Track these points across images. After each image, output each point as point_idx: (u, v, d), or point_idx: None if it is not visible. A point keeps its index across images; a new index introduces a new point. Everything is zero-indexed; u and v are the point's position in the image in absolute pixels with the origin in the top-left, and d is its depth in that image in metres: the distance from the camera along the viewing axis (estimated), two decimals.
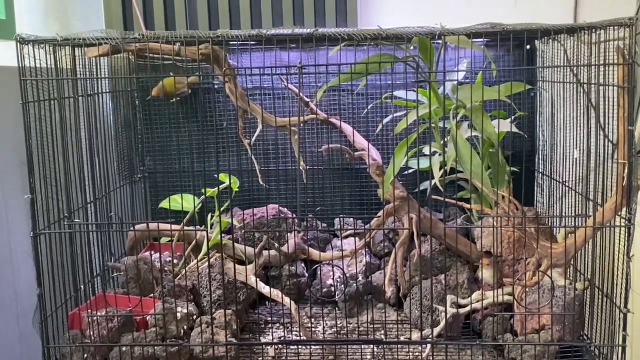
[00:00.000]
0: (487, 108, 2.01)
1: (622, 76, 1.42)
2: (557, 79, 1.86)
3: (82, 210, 1.68)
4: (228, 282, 1.74)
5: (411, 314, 1.75)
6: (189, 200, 1.94)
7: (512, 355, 1.55)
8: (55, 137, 1.57)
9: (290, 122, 1.77)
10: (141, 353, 1.51)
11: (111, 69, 2.01)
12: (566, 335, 1.52)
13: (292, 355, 1.62)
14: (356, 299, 1.84)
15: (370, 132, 2.10)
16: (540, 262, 1.56)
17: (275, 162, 2.21)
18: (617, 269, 1.48)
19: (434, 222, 1.79)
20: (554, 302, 1.54)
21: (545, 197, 2.02)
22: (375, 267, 1.97)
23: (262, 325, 1.83)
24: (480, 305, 1.63)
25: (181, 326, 1.58)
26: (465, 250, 1.81)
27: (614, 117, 1.47)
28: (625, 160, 1.44)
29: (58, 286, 1.58)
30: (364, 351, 1.64)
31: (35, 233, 1.52)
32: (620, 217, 1.47)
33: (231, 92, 1.65)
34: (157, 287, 1.72)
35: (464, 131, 1.71)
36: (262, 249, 1.80)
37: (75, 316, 1.60)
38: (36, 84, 1.51)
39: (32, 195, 1.51)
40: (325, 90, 1.75)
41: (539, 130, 2.10)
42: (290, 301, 1.65)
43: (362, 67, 1.57)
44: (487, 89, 1.64)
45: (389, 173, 1.72)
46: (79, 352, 1.52)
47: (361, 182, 2.21)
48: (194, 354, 1.54)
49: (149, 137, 2.21)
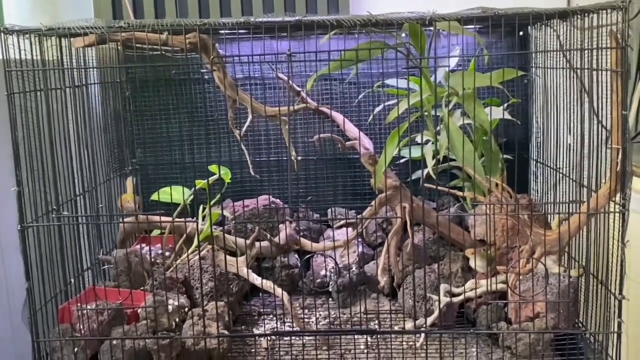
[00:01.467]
0: (480, 96, 2.00)
1: (615, 60, 1.40)
2: (550, 65, 1.84)
3: (71, 203, 1.66)
4: (220, 274, 1.73)
5: (405, 304, 1.74)
6: (179, 192, 1.93)
7: (507, 343, 1.54)
8: (43, 129, 1.55)
9: (280, 111, 1.75)
10: (132, 346, 1.49)
11: (100, 60, 1.99)
12: (561, 322, 1.51)
13: (285, 347, 1.61)
14: (350, 290, 1.83)
15: (362, 121, 2.08)
16: (534, 250, 1.55)
17: (267, 152, 2.19)
18: (612, 256, 1.46)
19: (427, 211, 1.78)
20: (548, 290, 1.52)
21: (540, 185, 2.01)
22: (369, 257, 1.96)
23: (256, 317, 1.81)
24: (474, 294, 1.62)
25: (173, 319, 1.56)
26: (459, 239, 1.80)
27: (607, 102, 1.46)
28: (619, 146, 1.42)
29: (48, 280, 1.57)
30: (357, 341, 1.62)
31: (22, 226, 1.50)
32: (615, 203, 1.45)
33: (220, 81, 1.63)
34: (148, 280, 1.71)
35: (456, 119, 1.69)
36: (254, 241, 1.79)
37: (65, 310, 1.58)
38: (22, 75, 1.49)
39: (19, 187, 1.49)
40: (316, 79, 1.73)
41: (533, 117, 2.08)
42: (282, 292, 1.63)
43: (353, 55, 1.55)
44: (479, 75, 1.62)
45: (381, 162, 1.71)
46: (69, 346, 1.51)
47: (354, 172, 2.20)
48: (186, 346, 1.52)
49: (140, 129, 2.19)
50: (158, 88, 2.16)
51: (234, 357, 1.59)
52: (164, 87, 2.15)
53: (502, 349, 1.55)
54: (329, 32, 1.48)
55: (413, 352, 1.55)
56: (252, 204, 2.03)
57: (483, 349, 1.58)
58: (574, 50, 1.58)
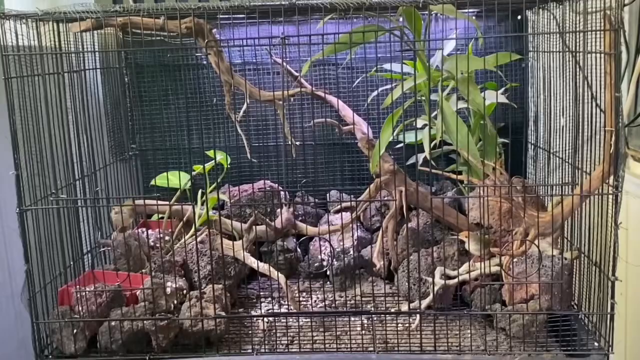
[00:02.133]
0: (478, 80, 2.00)
1: (609, 42, 1.40)
2: (547, 48, 1.84)
3: (70, 187, 1.68)
4: (218, 257, 1.74)
5: (401, 287, 1.75)
6: (178, 177, 1.94)
7: (501, 325, 1.55)
8: (40, 114, 1.56)
9: (275, 95, 1.76)
10: (130, 328, 1.51)
11: (100, 45, 2.00)
12: (555, 304, 1.52)
13: (282, 328, 1.63)
14: (347, 273, 1.84)
15: (359, 106, 2.08)
16: (528, 232, 1.56)
17: (264, 137, 2.20)
18: (606, 238, 1.47)
19: (423, 194, 1.79)
20: (543, 272, 1.53)
21: (536, 169, 2.01)
22: (367, 241, 1.97)
23: (254, 300, 1.83)
24: (469, 276, 1.63)
25: (171, 301, 1.58)
26: (454, 222, 1.81)
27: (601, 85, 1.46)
28: (613, 128, 1.42)
29: (47, 263, 1.59)
30: (353, 323, 1.64)
31: (21, 209, 1.52)
32: (608, 185, 1.46)
33: (216, 66, 1.64)
34: (147, 264, 1.72)
35: (453, 103, 1.69)
36: (252, 225, 1.80)
37: (65, 292, 1.60)
38: (19, 60, 1.51)
39: (18, 171, 1.51)
40: (311, 63, 1.73)
41: (530, 101, 2.09)
42: (279, 274, 1.65)
43: (347, 39, 1.55)
44: (475, 59, 1.62)
45: (377, 147, 1.71)
46: (69, 328, 1.53)
47: (351, 156, 2.21)
48: (184, 328, 1.54)
49: (139, 114, 2.21)
50: (157, 74, 2.17)
51: (232, 338, 1.61)
52: (163, 73, 2.16)
53: (496, 331, 1.56)
54: (324, 15, 1.48)
55: (408, 334, 1.56)
56: (249, 189, 2.04)
57: (478, 331, 1.59)
58: (569, 33, 1.58)
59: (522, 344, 1.49)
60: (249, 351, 1.54)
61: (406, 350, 1.50)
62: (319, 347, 1.54)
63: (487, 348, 1.49)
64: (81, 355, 1.53)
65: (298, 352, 1.52)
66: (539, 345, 1.49)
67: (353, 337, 1.57)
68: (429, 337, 1.54)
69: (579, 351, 1.46)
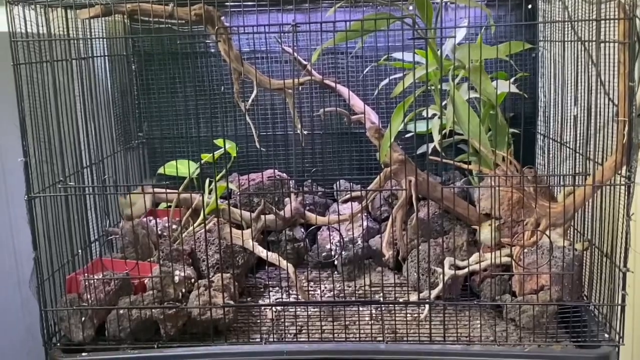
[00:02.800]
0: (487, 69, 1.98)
1: (622, 31, 1.39)
2: (558, 38, 1.82)
3: (78, 175, 1.67)
4: (226, 246, 1.74)
5: (410, 277, 1.74)
6: (185, 166, 1.93)
7: (511, 315, 1.55)
8: (49, 100, 1.55)
9: (285, 84, 1.75)
10: (139, 316, 1.51)
11: (108, 33, 1.99)
12: (565, 295, 1.51)
13: (290, 318, 1.62)
14: (355, 263, 1.84)
15: (368, 95, 2.07)
16: (539, 222, 1.55)
17: (273, 126, 2.19)
18: (617, 229, 1.46)
19: (433, 184, 1.78)
20: (553, 263, 1.52)
21: (546, 160, 2.00)
22: (375, 231, 1.96)
23: (262, 290, 1.83)
24: (479, 267, 1.62)
25: (179, 289, 1.57)
26: (464, 213, 1.80)
27: (614, 75, 1.45)
28: (626, 118, 1.41)
29: (55, 250, 1.58)
30: (362, 313, 1.63)
31: (29, 196, 1.51)
32: (620, 175, 1.45)
33: (225, 54, 1.63)
34: (155, 252, 1.72)
35: (463, 92, 1.68)
36: (259, 214, 1.80)
37: (73, 280, 1.60)
38: (28, 46, 1.50)
39: (26, 158, 1.50)
40: (321, 51, 1.72)
41: (540, 91, 2.07)
42: (288, 264, 1.64)
43: (358, 26, 1.54)
44: (486, 47, 1.61)
45: (387, 136, 1.70)
46: (77, 316, 1.52)
47: (360, 146, 2.20)
48: (192, 316, 1.54)
49: (146, 102, 2.20)
50: (164, 61, 2.16)
51: (240, 327, 1.60)
52: (171, 61, 2.15)
53: (506, 321, 1.56)
54: (334, 3, 1.47)
55: (417, 324, 1.56)
56: (257, 178, 2.03)
57: (487, 321, 1.59)
58: (582, 21, 1.56)
59: (532, 335, 1.49)
60: (258, 340, 1.53)
61: (415, 340, 1.50)
62: (327, 336, 1.54)
63: (496, 339, 1.49)
64: (89, 343, 1.53)
65: (306, 342, 1.52)
66: (549, 337, 1.48)
67: (362, 327, 1.56)
68: (437, 327, 1.53)
69: (589, 342, 1.46)
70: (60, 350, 1.53)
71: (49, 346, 1.55)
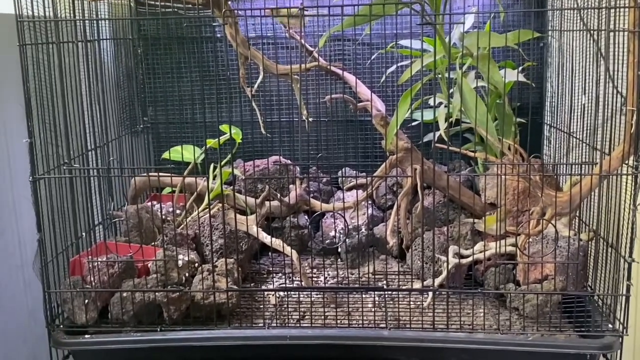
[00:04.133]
0: (495, 58, 1.97)
1: (633, 20, 1.38)
2: (568, 27, 1.81)
3: (82, 157, 1.67)
4: (230, 231, 1.73)
5: (413, 265, 1.74)
6: (190, 151, 1.93)
7: (514, 304, 1.54)
8: (54, 82, 1.55)
9: (292, 69, 1.74)
10: (142, 299, 1.51)
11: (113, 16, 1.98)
12: (569, 285, 1.51)
13: (293, 304, 1.62)
14: (359, 251, 1.83)
15: (375, 82, 2.06)
16: (545, 212, 1.54)
17: (278, 113, 2.18)
18: (623, 219, 1.45)
19: (438, 173, 1.77)
20: (558, 253, 1.52)
21: (552, 150, 1.99)
22: (379, 219, 1.96)
23: (265, 275, 1.82)
24: (483, 256, 1.62)
25: (183, 273, 1.57)
26: (469, 202, 1.79)
27: (624, 64, 1.44)
28: (634, 108, 1.40)
29: (59, 232, 1.58)
30: (365, 300, 1.63)
31: (34, 178, 1.51)
32: (628, 165, 1.44)
33: (232, 37, 1.62)
34: (159, 236, 1.72)
35: (471, 81, 1.67)
36: (264, 200, 1.79)
37: (77, 263, 1.60)
38: (34, 27, 1.49)
39: (31, 139, 1.50)
40: (328, 36, 1.71)
41: (548, 82, 2.06)
42: (292, 250, 1.64)
43: (366, 11, 1.53)
44: (495, 35, 1.60)
45: (392, 124, 1.69)
46: (80, 298, 1.52)
47: (365, 133, 2.19)
48: (195, 300, 1.54)
49: (151, 86, 2.19)
50: (170, 46, 2.15)
51: (243, 312, 1.60)
52: (177, 45, 2.15)
53: (509, 310, 1.56)
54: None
55: (421, 312, 1.56)
56: (262, 164, 2.03)
57: (490, 310, 1.58)
58: (592, 9, 1.55)
59: (536, 324, 1.48)
60: (260, 325, 1.53)
61: (418, 327, 1.50)
62: (330, 322, 1.54)
63: (499, 327, 1.48)
64: (92, 326, 1.53)
65: (310, 327, 1.52)
66: (553, 326, 1.48)
67: (365, 314, 1.56)
68: (441, 315, 1.53)
69: (593, 332, 1.45)
70: (63, 332, 1.53)
71: (51, 328, 1.55)
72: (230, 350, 1.49)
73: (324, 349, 1.47)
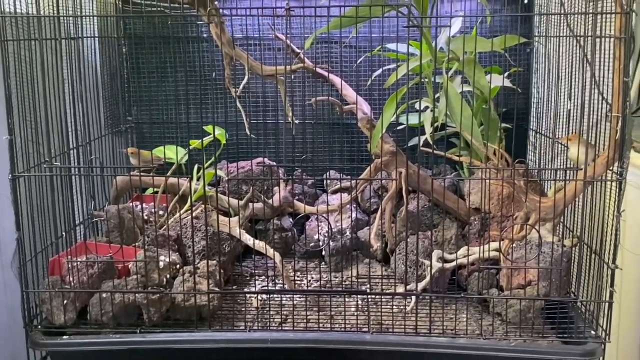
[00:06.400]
0: (482, 63, 1.97)
1: (619, 26, 1.38)
2: (554, 33, 1.81)
3: (64, 156, 1.65)
4: (213, 233, 1.72)
5: (397, 269, 1.73)
6: (174, 151, 1.91)
7: (497, 310, 1.54)
8: (36, 79, 1.52)
9: (277, 71, 1.73)
10: (122, 300, 1.49)
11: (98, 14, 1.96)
12: (552, 291, 1.50)
13: (275, 307, 1.61)
14: (343, 254, 1.82)
15: (361, 85, 2.05)
16: (529, 217, 1.54)
17: (264, 114, 2.17)
18: (607, 225, 1.45)
19: (423, 177, 1.77)
20: (541, 258, 1.51)
21: (537, 156, 1.99)
22: (364, 223, 1.95)
23: (248, 278, 1.81)
24: (467, 260, 1.61)
25: (164, 275, 1.55)
26: (454, 206, 1.79)
27: (609, 70, 1.44)
28: (619, 114, 1.40)
29: (39, 232, 1.56)
30: (348, 304, 1.62)
31: (14, 175, 1.49)
32: (612, 171, 1.44)
33: (217, 37, 1.61)
34: (140, 237, 1.70)
35: (457, 85, 1.67)
36: (247, 201, 1.78)
37: (56, 262, 1.57)
38: (16, 23, 1.47)
39: (11, 136, 1.47)
40: (314, 38, 1.70)
41: (534, 87, 2.06)
42: (274, 252, 1.63)
43: (353, 13, 1.52)
44: (481, 40, 1.60)
45: (378, 127, 1.69)
46: (59, 298, 1.50)
47: (351, 136, 2.18)
48: (176, 302, 1.52)
49: (136, 86, 2.17)
50: (155, 45, 2.13)
51: (224, 315, 1.58)
52: (162, 44, 2.13)
53: (492, 316, 1.55)
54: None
55: (403, 316, 1.55)
56: (247, 166, 2.01)
57: (473, 315, 1.58)
58: (578, 14, 1.55)
59: (518, 330, 1.48)
60: (242, 328, 1.52)
61: (401, 332, 1.49)
62: (312, 326, 1.52)
63: (482, 332, 1.48)
64: (70, 327, 1.51)
65: (291, 330, 1.50)
66: (535, 332, 1.48)
67: (347, 318, 1.55)
68: (423, 319, 1.52)
69: (576, 339, 1.45)
70: (41, 332, 1.51)
71: (29, 328, 1.52)
72: (210, 353, 1.47)
73: (305, 353, 1.46)
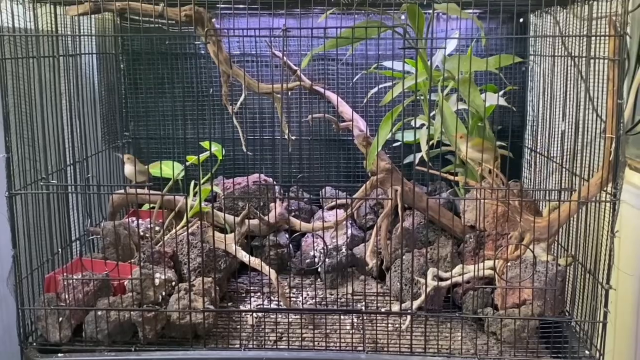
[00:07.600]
0: (477, 82, 1.98)
1: (613, 48, 1.39)
2: (549, 53, 1.82)
3: (60, 173, 1.65)
4: (209, 250, 1.72)
5: (392, 287, 1.73)
6: (171, 167, 1.91)
7: (492, 329, 1.54)
8: (34, 97, 1.53)
9: (274, 88, 1.74)
10: (117, 318, 1.49)
11: (96, 31, 1.97)
12: (547, 310, 1.51)
13: (270, 324, 1.61)
14: (338, 271, 1.83)
15: (357, 102, 2.06)
16: (523, 236, 1.55)
17: (260, 131, 2.18)
18: (601, 245, 1.46)
19: (419, 194, 1.77)
20: (536, 278, 1.52)
21: (532, 174, 2.00)
22: (360, 239, 1.95)
23: (243, 295, 1.81)
24: (462, 279, 1.61)
25: (159, 292, 1.56)
26: (449, 224, 1.80)
27: (604, 91, 1.45)
28: (613, 135, 1.41)
29: (35, 249, 1.56)
30: (343, 322, 1.62)
31: (10, 193, 1.49)
32: (606, 192, 1.45)
33: (215, 56, 1.62)
34: (136, 254, 1.70)
35: (452, 103, 1.68)
36: (244, 218, 1.78)
37: (52, 279, 1.58)
38: (14, 41, 1.48)
39: (8, 154, 1.48)
40: (311, 57, 1.71)
41: (529, 106, 2.07)
42: (270, 269, 1.63)
43: (349, 33, 1.53)
44: (476, 59, 1.61)
45: (374, 144, 1.69)
46: (54, 315, 1.50)
47: (347, 153, 2.19)
48: (171, 320, 1.52)
49: (133, 101, 2.18)
50: (153, 61, 2.14)
51: (219, 332, 1.58)
52: (159, 61, 2.14)
53: (487, 335, 1.55)
54: (326, 9, 1.46)
55: (398, 335, 1.55)
56: (243, 182, 2.01)
57: (468, 334, 1.58)
58: (573, 37, 1.56)
59: (513, 349, 1.48)
60: (237, 346, 1.52)
61: (396, 351, 1.49)
62: (307, 344, 1.52)
63: (477, 352, 1.48)
64: (66, 344, 1.51)
65: (286, 349, 1.50)
66: (530, 351, 1.48)
67: (342, 336, 1.55)
68: (419, 338, 1.52)
69: (570, 358, 1.45)
70: (36, 350, 1.51)
71: (24, 345, 1.52)
72: None
73: None
